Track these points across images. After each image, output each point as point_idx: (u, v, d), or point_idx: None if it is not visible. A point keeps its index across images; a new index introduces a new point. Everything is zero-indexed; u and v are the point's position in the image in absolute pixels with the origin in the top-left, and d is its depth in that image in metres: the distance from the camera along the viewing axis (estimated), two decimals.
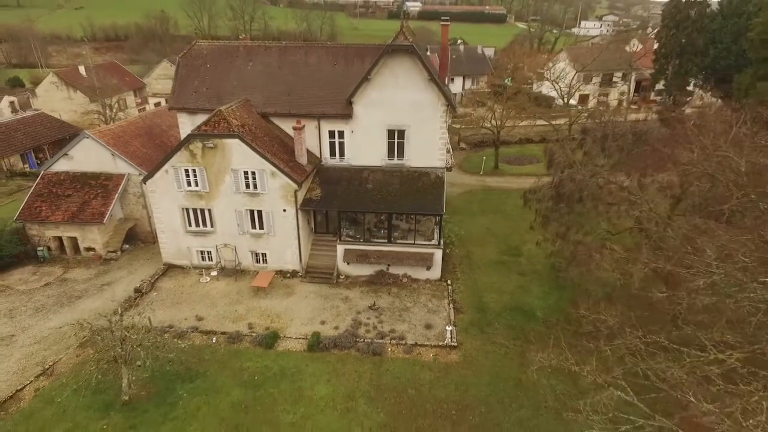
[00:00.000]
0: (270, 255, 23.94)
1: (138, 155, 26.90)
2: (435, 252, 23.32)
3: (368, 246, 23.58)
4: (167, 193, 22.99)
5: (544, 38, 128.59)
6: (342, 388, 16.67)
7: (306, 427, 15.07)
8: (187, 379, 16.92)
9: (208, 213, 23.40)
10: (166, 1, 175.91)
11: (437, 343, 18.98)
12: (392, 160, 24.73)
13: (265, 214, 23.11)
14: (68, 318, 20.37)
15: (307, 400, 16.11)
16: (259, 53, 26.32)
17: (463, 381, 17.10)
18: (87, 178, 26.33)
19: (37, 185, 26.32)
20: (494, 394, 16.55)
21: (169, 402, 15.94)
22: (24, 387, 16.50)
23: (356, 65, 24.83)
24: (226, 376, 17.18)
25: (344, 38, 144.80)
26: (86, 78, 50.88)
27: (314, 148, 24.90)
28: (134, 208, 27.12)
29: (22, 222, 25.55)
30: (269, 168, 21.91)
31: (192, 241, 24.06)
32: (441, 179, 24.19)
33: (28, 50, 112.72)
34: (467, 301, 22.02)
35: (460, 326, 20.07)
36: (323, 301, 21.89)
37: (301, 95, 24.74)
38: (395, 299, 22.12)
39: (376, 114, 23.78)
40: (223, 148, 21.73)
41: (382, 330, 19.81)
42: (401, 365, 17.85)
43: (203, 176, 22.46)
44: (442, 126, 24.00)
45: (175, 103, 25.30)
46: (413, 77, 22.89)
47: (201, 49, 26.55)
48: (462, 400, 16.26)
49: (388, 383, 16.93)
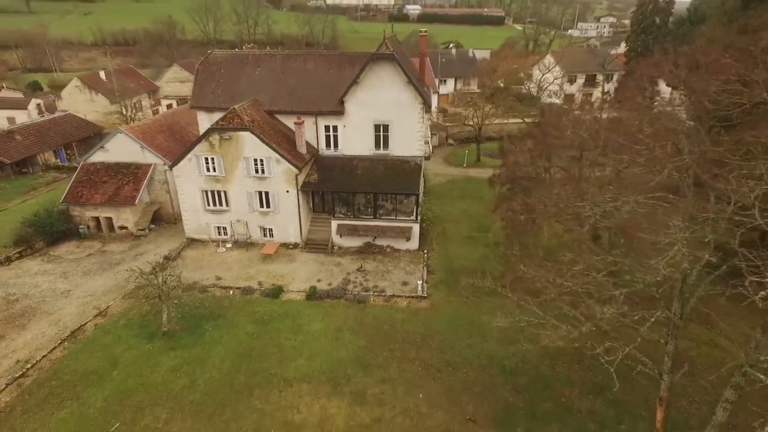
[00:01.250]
0: (275, 229, 28.82)
1: (162, 148, 31.87)
2: (413, 226, 28.12)
3: (357, 221, 28.42)
4: (190, 177, 27.93)
5: (539, 40, 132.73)
6: (332, 324, 21.46)
7: (304, 349, 19.85)
8: (210, 319, 21.76)
9: (224, 194, 28.31)
10: (173, 7, 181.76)
11: (410, 295, 23.76)
12: (378, 150, 29.53)
13: (271, 195, 27.99)
14: (111, 279, 25.34)
15: (304, 332, 20.91)
16: (265, 60, 31.27)
17: (428, 320, 21.86)
18: (120, 167, 31.31)
19: (78, 173, 31.34)
20: (451, 329, 21.28)
21: (198, 333, 20.77)
22: (86, 323, 21.39)
23: (347, 70, 29.64)
24: (241, 316, 22.02)
25: (345, 41, 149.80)
26: (106, 82, 56.06)
27: (312, 140, 29.76)
28: (159, 192, 32.07)
29: (67, 204, 30.53)
30: (275, 156, 26.79)
31: (210, 218, 28.99)
32: (419, 166, 28.99)
33: (42, 55, 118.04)
34: (439, 265, 26.77)
35: (430, 283, 24.83)
36: (319, 266, 26.73)
37: (301, 95, 29.63)
38: (379, 264, 26.92)
39: (364, 111, 28.59)
40: (236, 139, 26.64)
41: (366, 285, 24.62)
42: (380, 310, 22.64)
43: (220, 163, 27.37)
44: (420, 121, 28.77)
45: (195, 103, 30.27)
46: (394, 80, 27.70)
47: (216, 58, 31.53)
48: (426, 332, 21.00)
49: (368, 321, 21.70)
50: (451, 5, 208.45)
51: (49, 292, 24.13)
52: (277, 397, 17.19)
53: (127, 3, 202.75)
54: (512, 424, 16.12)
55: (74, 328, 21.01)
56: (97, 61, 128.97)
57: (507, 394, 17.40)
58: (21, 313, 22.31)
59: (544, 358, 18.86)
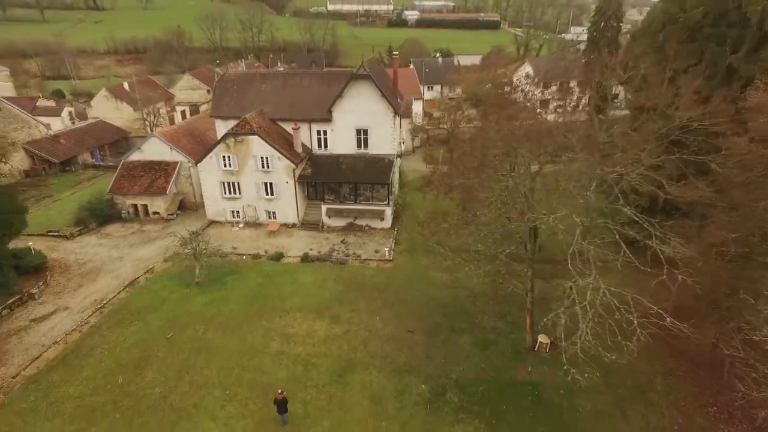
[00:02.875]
0: (278, 212, 36.91)
1: (186, 149, 40.05)
2: (386, 209, 36.13)
3: (342, 206, 36.46)
4: (211, 171, 36.09)
5: (529, 45, 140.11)
6: (319, 277, 29.45)
7: (297, 292, 27.83)
8: (230, 274, 29.81)
9: (237, 185, 36.43)
10: (179, 15, 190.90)
11: (380, 259, 31.75)
12: (359, 149, 37.54)
13: (274, 185, 36.07)
14: (151, 250, 33.49)
15: (299, 282, 28.91)
16: (269, 78, 39.43)
17: (391, 275, 29.82)
18: (153, 165, 39.51)
19: (120, 169, 39.59)
20: (408, 281, 29.21)
21: (221, 283, 28.80)
22: (139, 277, 29.53)
23: (334, 86, 37.65)
24: (252, 272, 30.07)
25: (345, 47, 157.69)
26: (129, 92, 64.46)
27: (307, 142, 37.82)
28: (184, 185, 40.24)
29: (111, 194, 38.77)
30: (277, 154, 34.87)
31: (226, 204, 37.13)
32: (391, 162, 36.99)
33: (60, 63, 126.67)
34: (405, 239, 34.73)
35: (396, 251, 32.79)
36: (312, 240, 34.77)
37: (298, 106, 37.73)
38: (358, 238, 34.94)
39: (348, 118, 36.62)
40: (247, 142, 34.75)
41: (347, 252, 32.64)
42: (356, 268, 30.64)
43: (234, 160, 35.49)
44: (392, 126, 36.75)
45: (213, 113, 38.47)
46: (371, 94, 35.70)
47: (230, 76, 39.74)
48: (388, 283, 28.95)
49: (346, 276, 29.69)
50: (449, 10, 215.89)
51: (107, 258, 32.33)
52: (279, 320, 25.21)
53: (135, 11, 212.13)
54: (437, 334, 24.04)
55: (131, 279, 29.20)
56: (110, 69, 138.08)
57: (437, 317, 25.33)
58: (90, 271, 30.52)
59: (469, 298, 26.72)
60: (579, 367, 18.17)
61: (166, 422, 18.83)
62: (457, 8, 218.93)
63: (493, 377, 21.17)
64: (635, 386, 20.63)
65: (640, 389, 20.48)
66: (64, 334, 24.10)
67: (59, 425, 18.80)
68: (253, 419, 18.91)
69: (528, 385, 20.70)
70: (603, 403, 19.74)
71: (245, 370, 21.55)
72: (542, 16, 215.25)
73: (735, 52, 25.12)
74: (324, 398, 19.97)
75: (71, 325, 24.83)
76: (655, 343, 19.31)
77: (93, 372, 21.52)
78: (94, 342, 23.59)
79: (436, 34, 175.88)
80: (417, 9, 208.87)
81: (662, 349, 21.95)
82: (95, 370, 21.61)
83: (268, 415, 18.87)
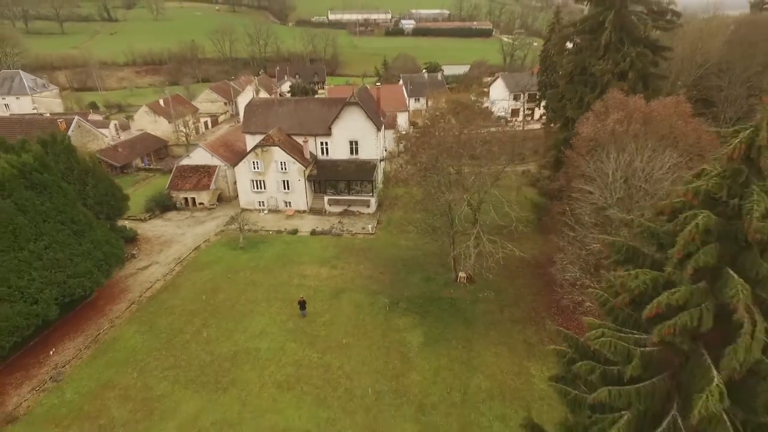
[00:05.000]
0: (292, 202, 51.44)
1: (223, 155, 54.68)
2: (371, 199, 50.59)
3: (339, 197, 50.96)
4: (244, 172, 50.68)
5: (515, 55, 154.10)
6: (323, 244, 43.92)
7: (308, 253, 42.28)
8: (261, 243, 44.32)
9: (263, 182, 50.97)
10: (190, 26, 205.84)
11: (365, 233, 46.22)
12: (352, 156, 51.98)
13: (290, 182, 50.57)
14: (202, 228, 48.05)
15: (309, 247, 43.41)
16: (284, 103, 54.05)
17: (372, 243, 44.25)
18: (199, 168, 54.13)
19: (174, 171, 54.26)
20: (383, 246, 43.62)
21: (256, 248, 43.30)
22: (199, 245, 44.11)
23: (333, 109, 52.09)
24: (277, 242, 44.58)
25: (345, 56, 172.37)
26: (164, 107, 79.24)
27: (313, 150, 52.31)
28: (221, 182, 54.83)
29: (169, 190, 53.40)
30: (291, 160, 49.38)
31: (255, 196, 51.70)
32: (375, 165, 51.44)
33: (87, 76, 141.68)
34: (384, 219, 49.16)
35: (378, 228, 47.21)
36: (317, 221, 49.27)
37: (306, 124, 52.24)
38: (351, 220, 49.42)
39: (343, 133, 51.08)
40: (271, 151, 49.26)
41: (342, 229, 47.14)
42: (348, 239, 45.11)
43: (261, 164, 50.02)
44: (375, 138, 51.16)
45: (244, 129, 53.14)
46: (359, 116, 50.16)
47: (256, 101, 54.46)
48: (369, 247, 43.39)
49: (341, 243, 44.15)
50: (444, 18, 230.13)
51: (173, 233, 46.94)
52: (296, 267, 39.69)
53: (147, 22, 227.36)
54: (398, 275, 38.44)
55: (194, 246, 43.80)
56: (130, 80, 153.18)
57: (399, 266, 39.73)
58: (165, 241, 45.15)
59: (425, 256, 40.97)
60: (482, 290, 32.54)
61: (235, 318, 33.25)
62: (452, 16, 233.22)
63: (429, 296, 35.55)
64: (512, 298, 34.95)
65: (515, 300, 34.80)
66: (162, 276, 38.74)
67: (173, 319, 33.28)
68: (285, 315, 33.36)
69: (449, 299, 35.07)
70: (491, 307, 34.06)
71: (278, 292, 36.05)
72: (533, 23, 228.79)
73: (592, 91, 39.46)
74: (326, 306, 34.41)
75: (164, 272, 39.45)
76: (533, 279, 33.72)
77: (186, 294, 36.10)
78: (181, 280, 38.19)
79: (430, 43, 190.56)
80: (413, 17, 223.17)
81: (535, 281, 36.32)
82: (187, 293, 36.18)
83: (294, 313, 33.30)
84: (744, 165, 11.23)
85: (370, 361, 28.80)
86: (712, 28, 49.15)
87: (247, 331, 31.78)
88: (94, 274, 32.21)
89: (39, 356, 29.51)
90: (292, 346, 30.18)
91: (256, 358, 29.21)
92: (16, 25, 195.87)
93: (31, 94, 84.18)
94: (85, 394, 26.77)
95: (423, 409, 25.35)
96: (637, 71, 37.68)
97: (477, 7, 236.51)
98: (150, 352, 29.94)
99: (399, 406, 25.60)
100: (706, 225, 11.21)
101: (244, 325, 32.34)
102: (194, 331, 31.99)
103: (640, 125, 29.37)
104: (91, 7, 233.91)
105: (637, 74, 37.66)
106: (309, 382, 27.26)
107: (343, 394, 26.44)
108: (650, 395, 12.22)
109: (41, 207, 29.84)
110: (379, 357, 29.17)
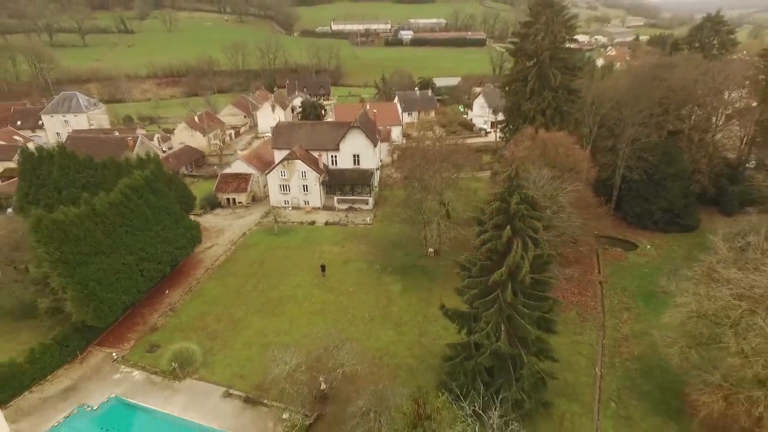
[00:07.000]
0: (310, 201, 69.51)
1: (257, 166, 72.79)
2: (369, 199, 68.60)
3: (346, 197, 69.03)
4: (274, 178, 68.79)
5: (503, 67, 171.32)
6: (334, 232, 61.99)
7: (325, 238, 60.26)
8: (289, 231, 62.36)
9: (288, 186, 69.01)
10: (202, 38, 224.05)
11: (365, 224, 64.27)
12: (355, 165, 69.91)
13: (308, 186, 68.60)
14: (243, 221, 66.11)
15: (324, 235, 61.47)
16: (304, 126, 72.22)
17: (371, 232, 62.27)
18: (237, 175, 72.22)
19: (219, 177, 72.44)
20: (379, 234, 61.56)
21: (286, 234, 61.34)
22: (245, 233, 62.17)
23: (340, 130, 69.92)
24: (301, 231, 62.65)
25: (347, 67, 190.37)
26: (199, 123, 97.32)
27: (326, 162, 70.25)
28: (255, 186, 72.91)
29: (216, 192, 71.47)
30: (309, 169, 67.38)
31: (282, 196, 69.82)
32: (372, 172, 69.37)
33: (114, 88, 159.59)
34: (379, 214, 67.08)
35: (374, 220, 65.14)
36: (329, 215, 67.30)
37: (320, 142, 70.19)
38: (354, 214, 67.47)
39: (348, 149, 69.05)
40: (294, 163, 67.29)
41: (348, 221, 65.18)
42: (353, 228, 63.14)
43: (286, 172, 68.03)
44: (372, 151, 69.01)
45: (273, 145, 71.32)
46: (360, 136, 68.10)
47: (282, 124, 72.70)
48: (368, 235, 61.39)
49: (348, 231, 62.22)
50: (441, 27, 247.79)
51: (223, 224, 65.01)
52: (317, 247, 57.72)
53: (160, 33, 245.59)
54: (388, 252, 56.32)
55: (241, 233, 61.91)
56: (153, 92, 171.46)
57: (388, 245, 57.66)
58: (218, 230, 63.24)
59: (410, 241, 58.64)
60: (444, 259, 50.40)
61: (278, 278, 51.14)
62: (448, 25, 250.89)
63: (408, 263, 53.38)
64: None
65: None
66: (223, 252, 56.81)
67: (237, 279, 51.23)
68: (312, 275, 51.28)
69: (421, 266, 52.92)
70: (447, 270, 51.51)
71: (305, 262, 54.01)
72: None
73: (524, 123, 57.18)
74: (338, 270, 52.34)
75: (224, 250, 57.50)
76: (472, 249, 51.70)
77: (243, 262, 54.18)
78: (237, 255, 56.25)
79: (427, 53, 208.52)
80: (412, 27, 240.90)
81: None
82: (243, 262, 54.24)
83: (317, 274, 51.23)
84: (512, 182, 29.15)
85: (367, 301, 46.77)
86: (611, 78, 67.69)
87: (287, 285, 49.77)
88: (187, 247, 50.30)
89: (160, 296, 47.57)
90: (317, 293, 48.18)
91: (295, 300, 47.20)
92: (41, 38, 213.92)
93: (86, 112, 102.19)
94: (193, 317, 44.79)
95: (399, 325, 43.26)
96: (554, 109, 55.53)
97: (472, 17, 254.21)
98: (227, 297, 47.96)
99: (384, 323, 43.52)
100: (498, 207, 29.18)
101: (285, 282, 50.32)
102: (252, 285, 50.00)
103: (540, 151, 47.17)
104: (107, 18, 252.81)
105: (553, 111, 55.50)
106: (329, 311, 45.26)
107: (350, 317, 44.39)
108: (485, 282, 30.23)
109: (157, 204, 47.80)
110: (372, 298, 47.14)
